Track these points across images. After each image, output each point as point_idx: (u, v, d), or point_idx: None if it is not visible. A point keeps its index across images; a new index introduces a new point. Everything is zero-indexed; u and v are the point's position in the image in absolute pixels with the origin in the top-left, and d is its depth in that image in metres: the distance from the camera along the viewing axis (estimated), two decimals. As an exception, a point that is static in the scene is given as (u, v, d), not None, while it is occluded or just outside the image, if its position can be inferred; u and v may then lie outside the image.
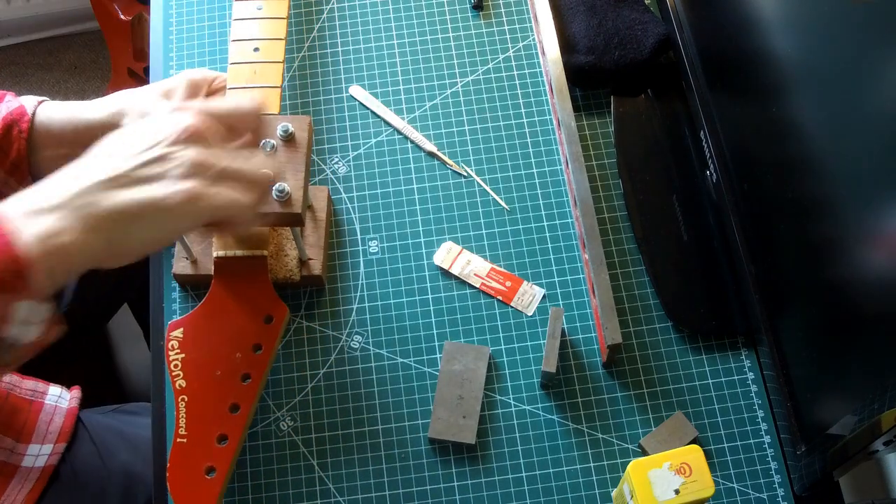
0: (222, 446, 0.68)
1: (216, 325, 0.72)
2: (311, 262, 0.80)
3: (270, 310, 0.73)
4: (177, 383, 0.70)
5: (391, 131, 0.89)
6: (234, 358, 0.71)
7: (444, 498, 0.75)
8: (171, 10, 0.96)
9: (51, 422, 0.85)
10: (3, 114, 0.74)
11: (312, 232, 0.81)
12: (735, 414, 0.77)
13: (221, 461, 0.68)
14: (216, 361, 0.71)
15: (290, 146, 0.72)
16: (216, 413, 0.69)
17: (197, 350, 0.71)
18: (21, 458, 0.82)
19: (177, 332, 0.71)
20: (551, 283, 0.82)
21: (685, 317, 0.79)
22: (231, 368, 0.70)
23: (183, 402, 0.69)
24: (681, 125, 0.88)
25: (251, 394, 0.70)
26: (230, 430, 0.69)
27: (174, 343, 0.71)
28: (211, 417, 0.69)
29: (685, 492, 0.64)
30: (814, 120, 0.63)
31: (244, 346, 0.71)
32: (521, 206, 0.85)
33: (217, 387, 0.70)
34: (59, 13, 1.87)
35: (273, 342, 0.71)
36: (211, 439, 0.68)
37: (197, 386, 0.70)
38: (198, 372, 0.70)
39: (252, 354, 0.71)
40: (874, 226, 0.56)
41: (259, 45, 0.82)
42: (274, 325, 0.72)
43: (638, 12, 0.90)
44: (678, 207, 0.84)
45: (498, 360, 0.79)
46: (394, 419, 0.77)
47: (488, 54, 0.93)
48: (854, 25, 0.57)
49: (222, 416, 0.69)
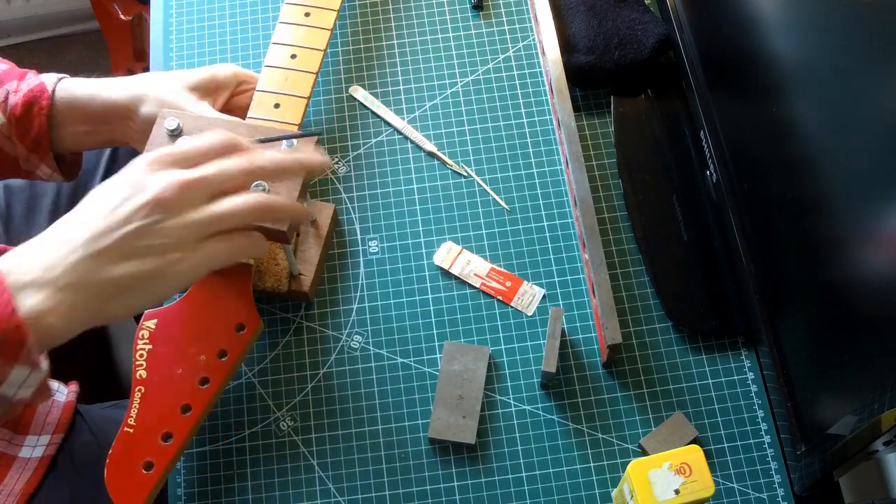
0: (166, 444, 0.68)
1: (188, 324, 0.71)
2: (302, 278, 0.79)
3: (244, 318, 0.72)
4: (137, 373, 0.70)
5: (391, 131, 0.89)
6: (198, 360, 0.70)
7: (444, 498, 0.75)
8: (171, 10, 0.96)
9: (48, 414, 0.85)
10: (24, 91, 0.75)
11: (312, 247, 0.80)
12: (735, 414, 0.77)
13: (161, 458, 0.67)
14: (180, 360, 0.70)
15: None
16: (167, 410, 0.69)
17: (164, 344, 0.71)
18: (18, 448, 0.82)
19: (150, 322, 0.71)
20: (551, 283, 0.82)
21: (685, 317, 0.79)
22: (192, 369, 0.70)
23: (139, 392, 0.69)
24: (681, 125, 0.88)
25: (206, 397, 0.69)
26: (177, 429, 0.69)
27: (144, 333, 0.71)
28: (161, 413, 0.69)
29: (685, 492, 0.64)
30: (814, 120, 0.63)
31: (211, 349, 0.71)
32: (521, 206, 0.85)
33: (174, 385, 0.70)
34: (59, 13, 1.87)
35: (239, 351, 0.71)
36: (156, 435, 0.68)
37: (155, 380, 0.70)
38: (159, 366, 0.70)
39: (216, 359, 0.70)
40: (874, 226, 0.56)
41: (297, 53, 0.82)
42: (244, 334, 0.71)
43: (638, 12, 0.90)
44: (678, 207, 0.84)
45: (498, 360, 0.79)
46: (394, 419, 0.77)
47: (488, 54, 0.93)
48: (854, 25, 0.57)
49: (173, 415, 0.69)
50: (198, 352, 0.70)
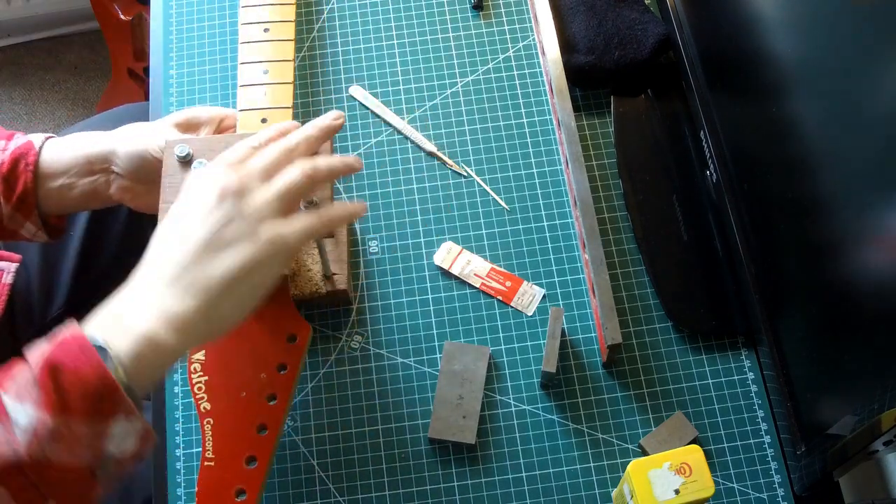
0: (251, 468, 0.67)
1: (239, 347, 0.70)
2: (336, 277, 0.79)
3: (293, 329, 0.71)
4: (201, 406, 0.69)
5: (391, 131, 0.89)
6: (259, 379, 0.69)
7: (444, 498, 0.75)
8: (171, 10, 0.96)
9: None
10: (11, 149, 0.76)
11: (333, 248, 0.80)
12: (735, 414, 0.77)
13: (251, 482, 0.67)
14: (241, 383, 0.69)
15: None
16: (244, 435, 0.68)
17: (219, 372, 0.70)
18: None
19: (198, 354, 0.70)
20: (551, 283, 0.82)
21: (685, 317, 0.79)
22: (256, 389, 0.69)
23: (209, 424, 0.68)
24: (681, 125, 0.88)
25: (278, 414, 0.69)
26: (259, 451, 0.68)
27: (196, 366, 0.70)
28: (238, 439, 0.68)
29: (685, 492, 0.64)
30: (814, 120, 0.63)
31: (268, 366, 0.70)
32: (521, 206, 0.85)
33: (243, 408, 0.69)
34: (59, 13, 1.87)
35: (297, 361, 0.70)
36: (240, 461, 0.67)
37: (223, 408, 0.69)
38: (223, 394, 0.69)
39: (277, 374, 0.70)
40: (874, 226, 0.56)
41: (268, 68, 0.82)
42: (298, 344, 0.71)
43: (638, 12, 0.90)
44: (678, 207, 0.84)
45: (498, 360, 0.79)
46: (394, 419, 0.77)
47: (488, 54, 0.93)
48: (854, 25, 0.57)
49: (250, 438, 0.68)
50: (256, 372, 0.70)
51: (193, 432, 0.77)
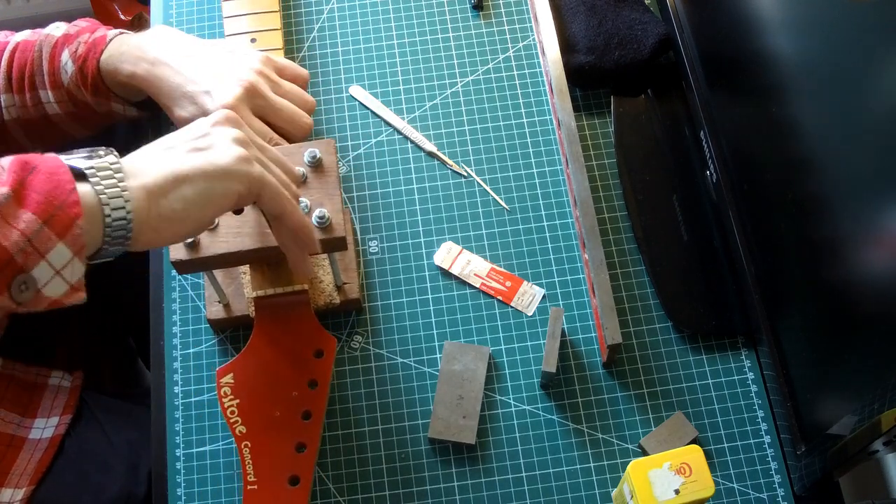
0: (295, 487, 0.67)
1: (266, 367, 0.70)
2: (347, 286, 0.79)
3: (319, 344, 0.71)
4: (236, 429, 0.68)
5: (391, 131, 0.89)
6: (292, 397, 0.69)
7: (444, 498, 0.75)
8: (171, 10, 0.96)
9: (55, 398, 0.87)
10: (89, 42, 0.79)
11: (341, 257, 0.80)
12: (735, 414, 0.77)
13: (298, 501, 0.67)
14: (273, 403, 0.69)
15: (319, 172, 0.72)
16: (283, 455, 0.68)
17: (250, 395, 0.69)
18: (28, 430, 0.84)
19: (227, 377, 0.70)
20: (551, 283, 0.82)
21: (685, 317, 0.79)
22: (290, 408, 0.69)
23: (247, 448, 0.68)
24: (681, 125, 0.88)
25: (315, 430, 0.69)
26: (300, 470, 0.68)
27: (226, 390, 0.69)
28: (279, 460, 0.68)
29: (685, 492, 0.64)
30: (814, 120, 0.63)
31: (299, 383, 0.70)
32: (521, 206, 0.85)
33: (279, 428, 0.68)
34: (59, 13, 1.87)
35: (327, 376, 0.70)
36: (283, 482, 0.67)
37: (258, 430, 0.68)
38: (257, 416, 0.69)
39: (308, 391, 0.70)
40: (874, 226, 0.56)
41: None
42: (325, 358, 0.71)
43: (638, 12, 0.90)
44: (678, 207, 0.84)
45: (498, 360, 0.79)
46: (394, 419, 0.77)
47: (488, 54, 0.93)
48: (854, 25, 0.57)
49: (290, 457, 0.68)
50: (287, 390, 0.69)
51: (194, 432, 0.77)
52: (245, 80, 0.73)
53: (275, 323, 0.73)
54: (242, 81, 0.73)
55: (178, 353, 0.80)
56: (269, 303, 0.73)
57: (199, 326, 0.81)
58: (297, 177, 0.70)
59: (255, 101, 0.74)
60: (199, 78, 0.74)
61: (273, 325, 0.72)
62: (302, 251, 0.68)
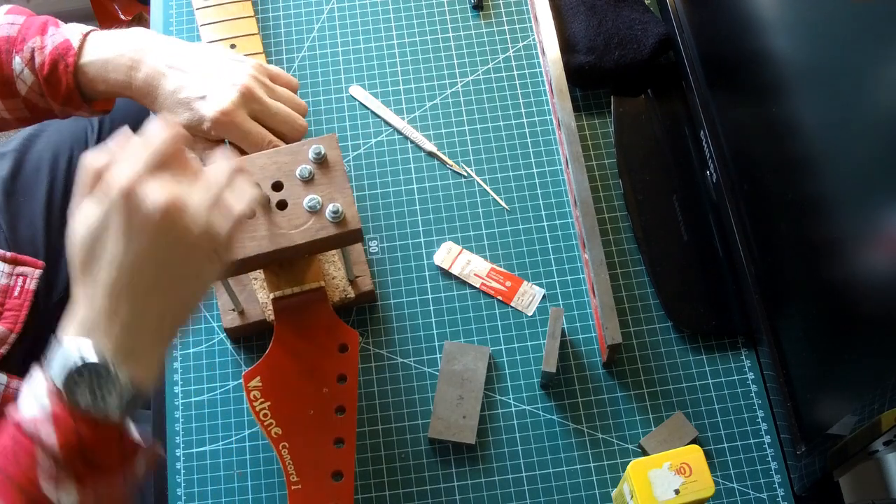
0: (339, 482, 0.67)
1: (293, 366, 0.70)
2: (360, 279, 0.79)
3: (342, 338, 0.71)
4: (272, 432, 0.68)
5: (391, 131, 0.89)
6: (323, 394, 0.69)
7: (444, 498, 0.75)
8: (171, 10, 0.96)
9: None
10: (49, 48, 0.76)
11: (350, 250, 0.80)
12: (735, 414, 0.77)
13: (343, 496, 0.67)
14: (305, 401, 0.69)
15: (325, 168, 0.72)
16: (323, 452, 0.68)
17: (282, 395, 0.69)
18: None
19: (255, 381, 0.70)
20: (551, 283, 0.82)
21: (685, 317, 0.79)
22: (323, 404, 0.69)
23: (285, 449, 0.68)
24: (681, 125, 0.88)
25: (351, 424, 0.68)
26: (342, 465, 0.67)
27: (256, 393, 0.69)
28: (319, 457, 0.68)
29: (685, 492, 0.64)
30: (814, 120, 0.63)
31: (328, 379, 0.70)
32: (521, 206, 0.85)
33: (315, 426, 0.68)
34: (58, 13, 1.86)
35: (355, 369, 0.70)
36: (327, 478, 0.67)
37: (294, 430, 0.68)
38: (290, 416, 0.69)
39: (339, 386, 0.69)
40: (874, 226, 0.56)
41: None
42: (350, 352, 0.71)
43: (638, 12, 0.90)
44: (678, 207, 0.84)
45: (498, 360, 0.79)
46: (394, 419, 0.77)
47: (488, 54, 0.93)
48: (854, 26, 0.57)
49: (331, 453, 0.68)
50: (318, 387, 0.69)
51: (194, 432, 0.77)
52: (241, 85, 0.73)
53: (295, 323, 0.72)
54: (238, 86, 0.73)
55: (178, 353, 0.81)
56: (286, 304, 0.73)
57: (199, 326, 0.81)
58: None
59: (252, 106, 0.73)
60: (193, 83, 0.73)
61: (294, 325, 0.72)
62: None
